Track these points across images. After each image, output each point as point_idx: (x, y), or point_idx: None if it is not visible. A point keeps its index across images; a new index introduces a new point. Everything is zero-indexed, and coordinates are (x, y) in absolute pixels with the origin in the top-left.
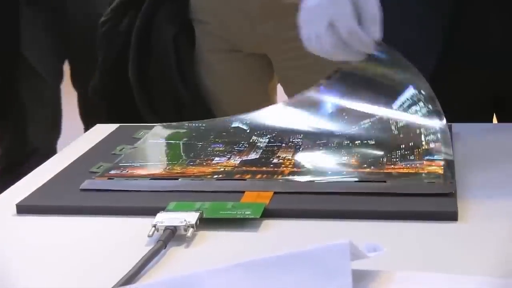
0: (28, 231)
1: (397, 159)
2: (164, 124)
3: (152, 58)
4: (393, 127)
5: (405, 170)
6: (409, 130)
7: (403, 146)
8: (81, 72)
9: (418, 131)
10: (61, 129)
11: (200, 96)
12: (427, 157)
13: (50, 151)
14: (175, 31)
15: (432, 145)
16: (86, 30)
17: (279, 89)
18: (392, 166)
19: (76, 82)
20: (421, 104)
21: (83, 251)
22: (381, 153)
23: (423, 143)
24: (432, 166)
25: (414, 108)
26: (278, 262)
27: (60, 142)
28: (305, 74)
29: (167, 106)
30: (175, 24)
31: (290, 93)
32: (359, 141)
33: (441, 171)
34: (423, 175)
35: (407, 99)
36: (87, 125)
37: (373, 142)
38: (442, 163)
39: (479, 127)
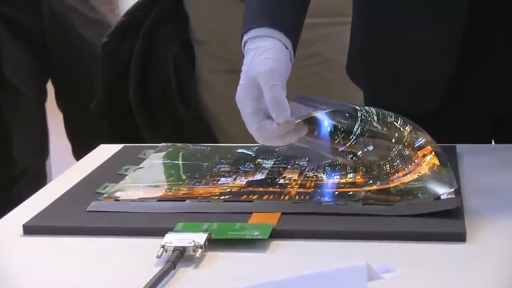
0: (35, 252)
1: (398, 162)
2: (169, 144)
3: (153, 78)
4: (377, 126)
5: (409, 178)
6: (385, 123)
7: (394, 140)
8: (64, 92)
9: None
10: (49, 149)
11: (201, 116)
12: (416, 145)
13: (39, 172)
14: (175, 51)
15: (407, 129)
16: (66, 50)
17: None
18: (396, 174)
19: (60, 102)
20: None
21: (91, 272)
22: (382, 161)
23: (402, 130)
24: (426, 156)
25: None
26: (296, 284)
27: (48, 163)
28: (309, 93)
29: (167, 125)
30: (175, 45)
31: None
32: (361, 152)
33: (436, 161)
34: (426, 178)
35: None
36: (75, 146)
37: (371, 148)
38: (429, 147)
39: (482, 148)
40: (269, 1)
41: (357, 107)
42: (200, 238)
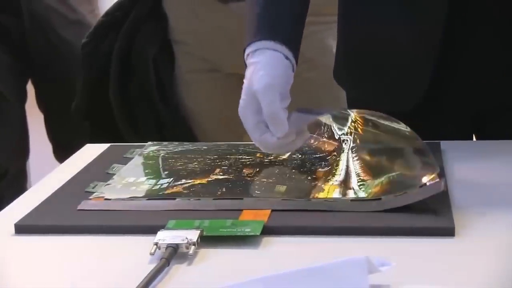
0: (28, 251)
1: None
2: (155, 142)
3: (133, 78)
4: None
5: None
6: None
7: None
8: (45, 93)
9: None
10: (29, 150)
11: (181, 116)
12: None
13: (20, 173)
14: (155, 51)
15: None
16: (46, 51)
17: None
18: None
19: (41, 103)
20: None
21: (85, 270)
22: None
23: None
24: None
25: None
26: (297, 277)
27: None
28: None
29: (148, 126)
30: (155, 45)
31: None
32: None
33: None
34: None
35: None
36: (56, 146)
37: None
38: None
39: (465, 144)
40: (268, 13)
41: (348, 111)
42: (193, 235)
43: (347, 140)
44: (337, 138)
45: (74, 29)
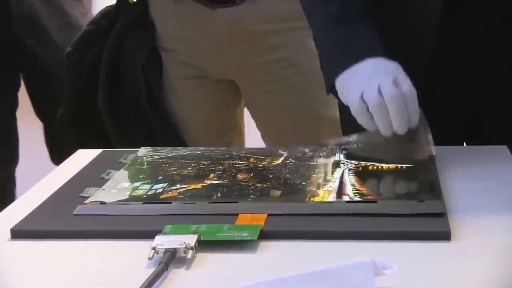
0: (24, 256)
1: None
2: (148, 148)
3: (121, 86)
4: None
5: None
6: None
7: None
8: (40, 99)
9: None
10: (18, 156)
11: (170, 123)
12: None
13: (8, 179)
14: (144, 59)
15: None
16: (37, 56)
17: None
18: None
19: (38, 110)
20: None
21: (83, 275)
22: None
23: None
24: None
25: None
26: (304, 280)
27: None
28: (272, 99)
29: (138, 133)
30: (144, 52)
31: (257, 117)
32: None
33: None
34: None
35: None
36: (52, 151)
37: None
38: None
39: (457, 150)
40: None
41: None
42: (191, 239)
43: (346, 163)
44: (336, 159)
45: (66, 32)
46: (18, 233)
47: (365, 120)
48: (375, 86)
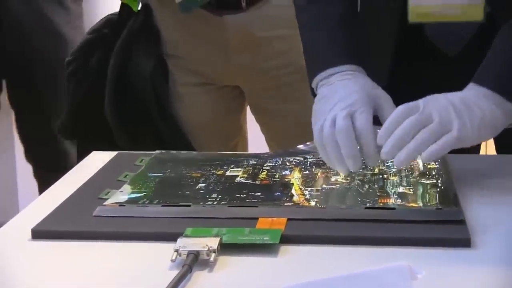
0: (45, 257)
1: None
2: (163, 151)
3: (129, 94)
4: None
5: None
6: None
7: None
8: (16, 97)
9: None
10: None
11: (179, 131)
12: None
13: None
14: (152, 66)
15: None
16: (20, 55)
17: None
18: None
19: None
20: None
21: (105, 275)
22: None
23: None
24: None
25: None
26: (341, 283)
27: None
28: (278, 104)
29: (147, 141)
30: (151, 60)
31: (263, 122)
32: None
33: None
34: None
35: None
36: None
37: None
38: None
39: (474, 158)
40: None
41: None
42: (213, 242)
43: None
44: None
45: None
46: (39, 233)
47: (321, 152)
48: (330, 118)
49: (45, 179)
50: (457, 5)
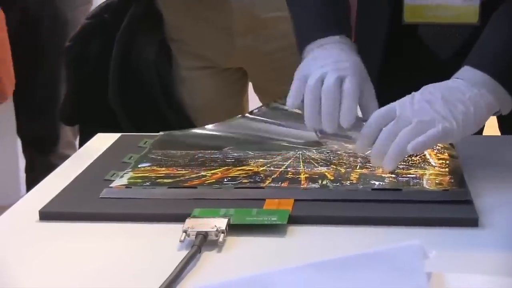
0: (53, 238)
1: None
2: (167, 132)
3: (133, 79)
4: None
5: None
6: None
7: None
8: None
9: None
10: None
11: (185, 115)
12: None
13: None
14: (155, 52)
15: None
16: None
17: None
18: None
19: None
20: None
21: (114, 256)
22: None
23: None
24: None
25: None
26: (354, 262)
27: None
28: (281, 85)
29: (153, 126)
30: (154, 46)
31: (266, 102)
32: None
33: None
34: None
35: None
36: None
37: None
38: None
39: (479, 139)
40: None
41: None
42: (221, 223)
43: None
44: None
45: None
46: (46, 214)
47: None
48: (319, 73)
49: (33, 159)
50: (452, 7)
